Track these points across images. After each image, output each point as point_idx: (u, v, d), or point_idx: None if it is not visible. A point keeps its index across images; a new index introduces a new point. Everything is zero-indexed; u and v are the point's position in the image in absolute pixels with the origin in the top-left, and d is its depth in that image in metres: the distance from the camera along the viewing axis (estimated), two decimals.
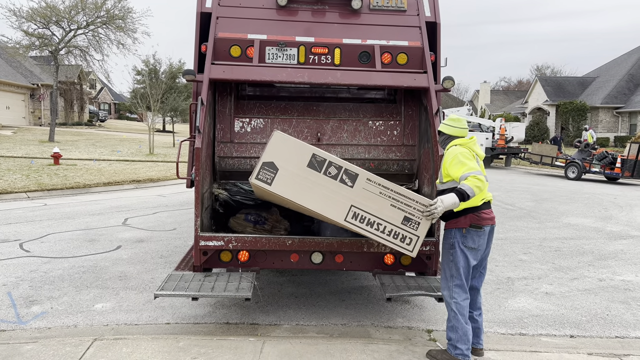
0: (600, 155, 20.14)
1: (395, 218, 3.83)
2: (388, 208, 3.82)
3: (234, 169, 5.52)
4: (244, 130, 5.59)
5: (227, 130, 5.57)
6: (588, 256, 7.60)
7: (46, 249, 7.29)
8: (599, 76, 42.46)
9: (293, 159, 3.82)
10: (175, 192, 13.71)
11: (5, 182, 13.15)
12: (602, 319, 5.09)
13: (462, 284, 3.87)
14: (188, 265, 4.83)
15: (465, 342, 3.83)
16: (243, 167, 5.52)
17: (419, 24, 5.38)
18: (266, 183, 3.74)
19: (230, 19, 5.24)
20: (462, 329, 3.82)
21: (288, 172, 3.78)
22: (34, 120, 38.40)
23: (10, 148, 21.65)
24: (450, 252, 3.92)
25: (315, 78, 4.99)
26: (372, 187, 3.85)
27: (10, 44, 27.86)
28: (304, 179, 3.79)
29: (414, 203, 3.87)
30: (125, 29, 27.88)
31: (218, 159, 5.46)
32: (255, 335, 4.44)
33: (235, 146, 5.57)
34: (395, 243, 3.84)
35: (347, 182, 3.82)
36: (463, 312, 3.85)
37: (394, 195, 3.86)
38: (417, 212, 3.86)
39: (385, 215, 3.82)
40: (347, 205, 3.79)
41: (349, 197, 3.80)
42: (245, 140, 5.59)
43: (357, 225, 3.79)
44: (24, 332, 4.50)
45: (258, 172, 3.76)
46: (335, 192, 3.79)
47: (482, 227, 3.85)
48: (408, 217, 3.85)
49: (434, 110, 4.83)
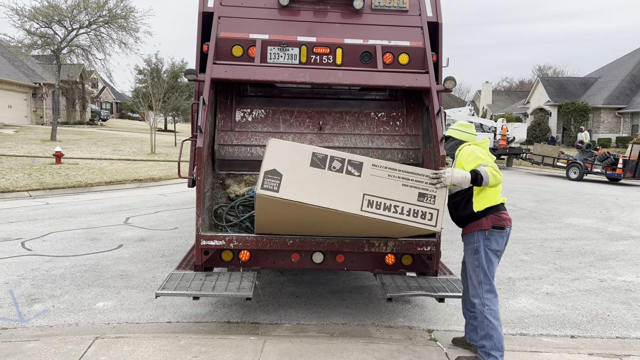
0: (602, 156, 20.13)
1: (410, 197, 3.74)
2: (400, 188, 3.75)
3: (234, 157, 5.32)
4: (245, 119, 5.49)
5: (228, 119, 5.45)
6: (589, 257, 7.59)
7: (48, 247, 7.30)
8: (601, 77, 42.42)
9: (294, 162, 3.75)
10: (176, 191, 13.74)
11: (7, 181, 13.18)
12: (603, 320, 5.09)
13: (491, 289, 3.80)
14: (189, 265, 4.84)
15: (499, 349, 3.73)
16: (243, 155, 5.33)
17: (420, 24, 5.38)
18: (273, 191, 3.62)
19: (232, 19, 5.25)
20: (497, 336, 3.72)
21: (292, 176, 3.69)
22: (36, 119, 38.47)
23: (12, 147, 21.69)
24: (474, 257, 3.83)
25: (317, 78, 5.00)
26: (380, 171, 3.79)
27: (12, 43, 27.92)
28: (309, 178, 3.71)
29: (424, 178, 3.80)
30: (128, 28, 27.93)
31: (217, 147, 5.29)
32: (256, 334, 4.45)
33: (235, 134, 5.42)
34: (417, 221, 3.71)
35: (354, 172, 3.76)
36: (497, 317, 3.76)
37: (403, 175, 3.80)
38: (430, 186, 3.79)
39: (399, 197, 3.73)
40: (359, 195, 3.70)
41: (360, 187, 3.72)
42: (247, 129, 5.44)
43: (375, 212, 3.67)
44: (26, 330, 4.52)
45: (262, 182, 3.63)
46: (345, 185, 3.72)
47: (504, 228, 3.80)
48: (422, 193, 3.76)
49: (435, 111, 4.83)
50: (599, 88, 40.27)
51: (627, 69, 39.75)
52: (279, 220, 4.10)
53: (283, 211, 3.82)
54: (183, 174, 5.33)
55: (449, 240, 7.88)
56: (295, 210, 3.75)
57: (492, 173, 3.67)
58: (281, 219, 4.04)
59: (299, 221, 4.05)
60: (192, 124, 5.69)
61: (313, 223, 4.04)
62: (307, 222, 4.03)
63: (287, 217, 3.98)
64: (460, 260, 6.94)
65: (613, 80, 39.70)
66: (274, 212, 3.90)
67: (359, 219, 3.75)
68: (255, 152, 5.31)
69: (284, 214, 3.89)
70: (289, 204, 3.67)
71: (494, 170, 3.68)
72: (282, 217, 3.98)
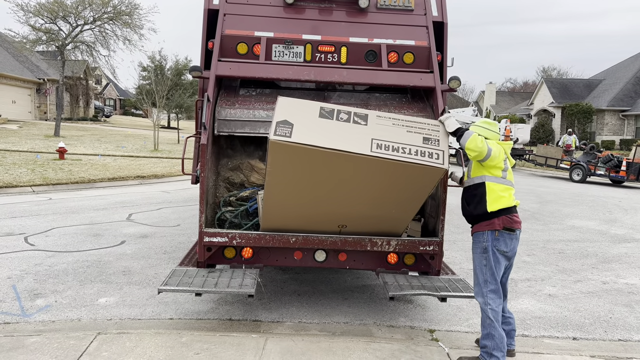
0: (606, 158, 20.06)
1: (415, 140, 3.92)
2: (405, 134, 3.93)
3: (235, 117, 5.04)
4: (249, 93, 5.35)
5: (232, 94, 5.28)
6: (592, 259, 7.57)
7: (51, 243, 7.32)
8: (605, 79, 42.28)
9: (304, 114, 3.89)
10: (179, 188, 13.75)
11: (11, 176, 13.21)
12: (605, 322, 5.08)
13: (496, 289, 3.83)
14: (192, 261, 4.85)
15: (502, 350, 3.75)
16: (245, 116, 5.03)
17: (426, 24, 5.37)
18: (285, 136, 3.71)
19: (238, 16, 5.25)
20: (499, 336, 3.76)
21: (303, 124, 3.81)
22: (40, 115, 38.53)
23: (15, 142, 21.74)
24: (483, 256, 3.87)
25: (322, 76, 5.00)
26: (384, 120, 4.00)
27: (17, 38, 27.95)
28: (319, 126, 3.85)
29: (426, 125, 4.04)
30: (132, 25, 27.96)
31: (219, 109, 5.01)
32: (258, 332, 4.45)
33: (239, 99, 5.23)
34: (425, 160, 3.84)
35: (360, 122, 3.93)
36: (498, 319, 3.79)
37: (407, 123, 4.02)
38: (433, 132, 4.00)
39: (406, 140, 3.89)
40: (368, 140, 3.84)
41: (367, 133, 3.87)
42: (249, 101, 5.21)
43: (384, 153, 3.80)
44: (28, 325, 4.53)
45: (274, 130, 3.73)
46: (353, 132, 3.86)
47: (514, 230, 3.84)
48: (427, 137, 3.96)
49: (439, 110, 4.82)
50: (603, 90, 40.14)
51: (632, 71, 39.61)
52: (288, 185, 4.09)
53: (294, 163, 3.88)
54: (187, 171, 5.33)
55: (451, 241, 7.87)
56: (306, 160, 3.82)
57: (474, 138, 3.75)
58: (292, 178, 4.04)
59: (309, 182, 4.05)
60: (196, 120, 5.70)
61: (324, 185, 4.05)
62: (318, 183, 4.05)
63: (298, 175, 4.00)
64: (462, 260, 6.96)
65: (617, 82, 39.57)
66: (286, 166, 3.93)
67: (370, 163, 3.82)
68: (256, 114, 5.04)
69: (295, 168, 3.93)
70: (301, 150, 3.74)
71: (479, 139, 3.75)
72: (293, 174, 4.00)
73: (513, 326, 4.05)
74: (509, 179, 3.92)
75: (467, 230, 4.09)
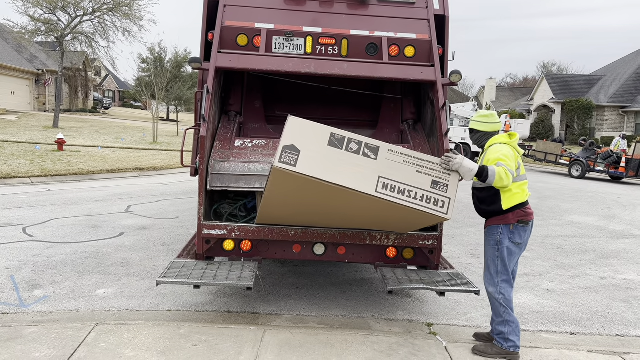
0: (605, 155, 20.06)
1: (423, 183, 3.78)
2: (414, 174, 3.79)
3: (229, 172, 4.89)
4: (245, 145, 5.10)
5: (226, 145, 5.08)
6: (590, 254, 7.58)
7: (49, 234, 7.31)
8: (605, 75, 42.21)
9: (313, 140, 3.70)
10: (178, 180, 13.74)
11: (9, 167, 13.19)
12: (603, 317, 5.09)
13: (508, 279, 3.95)
14: (190, 254, 4.84)
15: (517, 334, 3.92)
16: (240, 170, 4.91)
17: (427, 17, 5.34)
18: (290, 165, 3.55)
19: (238, 8, 5.21)
20: (515, 321, 3.91)
21: (311, 152, 3.63)
22: (39, 106, 38.41)
23: (14, 133, 21.69)
24: (496, 248, 3.95)
25: (322, 69, 4.97)
26: (395, 157, 3.81)
27: (16, 29, 27.79)
28: (327, 157, 3.67)
29: (437, 167, 3.86)
30: (132, 16, 27.79)
31: (212, 162, 4.94)
32: (256, 324, 4.46)
33: (234, 152, 5.06)
34: (430, 207, 3.74)
35: (370, 155, 3.76)
36: (511, 306, 3.94)
37: (418, 162, 3.85)
38: (444, 175, 3.83)
39: (413, 182, 3.76)
40: (375, 177, 3.70)
41: (375, 169, 3.73)
42: (244, 153, 4.99)
43: (389, 194, 3.68)
44: (26, 315, 4.53)
45: (280, 156, 3.57)
46: (361, 166, 3.71)
47: (528, 223, 3.95)
48: (436, 181, 3.82)
49: (440, 104, 4.80)
50: (604, 86, 40.08)
51: (633, 67, 39.53)
52: (287, 204, 4.02)
53: (296, 189, 3.76)
54: (186, 163, 5.31)
55: (450, 235, 7.87)
56: (308, 188, 3.69)
57: (499, 175, 3.69)
58: (291, 200, 3.96)
59: (309, 204, 3.99)
60: (195, 112, 5.67)
61: (323, 208, 4.00)
62: (317, 206, 3.98)
63: (298, 199, 3.91)
64: (460, 255, 6.97)
65: (618, 78, 39.50)
66: (287, 190, 3.82)
67: (372, 202, 3.72)
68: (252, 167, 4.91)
69: (296, 193, 3.83)
70: (304, 180, 3.60)
71: (503, 172, 3.70)
72: (293, 197, 3.90)
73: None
74: (522, 174, 3.97)
75: (466, 225, 4.10)
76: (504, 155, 3.82)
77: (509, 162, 3.80)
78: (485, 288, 4.05)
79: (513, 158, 3.87)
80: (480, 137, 4.13)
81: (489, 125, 4.08)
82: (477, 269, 6.30)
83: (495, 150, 3.89)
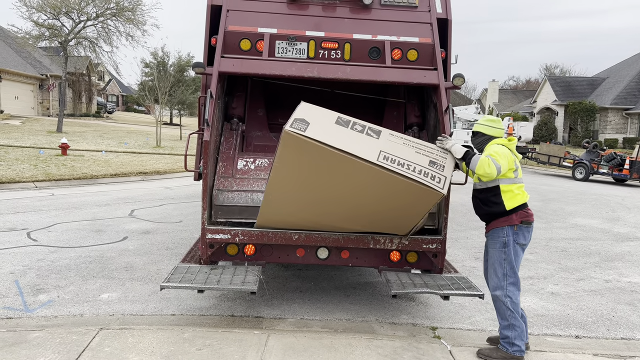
0: (609, 157, 20.01)
1: (422, 161, 3.99)
2: (413, 154, 4.02)
3: (233, 203, 4.91)
4: (247, 167, 5.11)
5: (229, 168, 5.11)
6: (594, 257, 7.56)
7: (53, 238, 7.33)
8: (608, 77, 42.15)
9: (321, 119, 4.02)
10: (181, 184, 13.76)
11: (14, 172, 13.24)
12: (608, 320, 5.07)
13: (516, 282, 3.94)
14: (194, 258, 4.85)
15: (523, 339, 3.90)
16: (243, 201, 4.90)
17: (430, 21, 5.35)
18: (300, 130, 3.79)
19: (241, 12, 5.23)
20: (520, 326, 3.89)
21: (319, 125, 3.92)
22: (43, 111, 38.58)
23: (18, 138, 21.78)
24: (503, 250, 3.96)
25: (325, 73, 4.98)
26: (396, 138, 4.10)
27: (20, 34, 28.00)
28: (334, 130, 3.95)
29: (435, 150, 4.16)
30: (135, 21, 27.97)
31: (216, 192, 4.92)
32: (260, 328, 4.46)
33: (237, 178, 5.08)
34: (427, 181, 3.88)
35: (373, 135, 4.05)
36: (518, 310, 3.92)
37: (417, 145, 4.13)
38: (441, 158, 4.08)
39: (412, 159, 3.97)
40: (377, 150, 3.92)
41: (377, 145, 3.97)
42: (247, 179, 5.01)
43: (389, 165, 3.85)
44: (31, 320, 4.54)
45: (291, 124, 3.82)
46: (364, 142, 3.96)
47: (531, 223, 4.00)
48: (433, 161, 4.03)
49: (443, 108, 4.81)
50: (607, 88, 40.01)
51: (636, 69, 39.45)
52: (291, 187, 4.11)
53: (302, 158, 3.91)
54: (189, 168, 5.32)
55: (454, 238, 7.85)
56: (315, 155, 3.85)
57: (482, 162, 3.77)
58: (296, 181, 4.07)
59: (312, 188, 4.08)
60: (199, 117, 5.68)
61: (326, 191, 4.09)
62: (320, 189, 4.08)
63: (303, 169, 4.01)
64: (464, 258, 6.95)
65: (621, 80, 39.43)
66: (294, 159, 3.94)
67: (374, 175, 3.87)
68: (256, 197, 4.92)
69: (302, 162, 3.95)
70: (311, 146, 3.79)
71: (487, 162, 3.76)
72: (299, 168, 4.01)
73: (525, 319, 4.09)
74: (520, 177, 4.03)
75: (470, 228, 4.11)
76: (496, 152, 3.89)
77: (500, 158, 3.84)
78: (491, 292, 4.03)
79: (506, 157, 3.89)
80: (482, 141, 4.17)
81: (494, 130, 4.13)
82: (481, 272, 6.26)
83: (490, 148, 4.00)
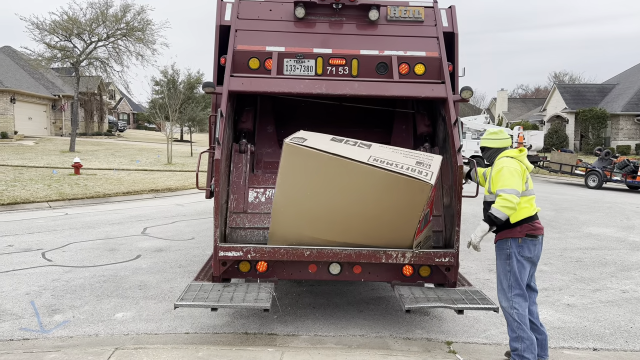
0: (622, 164, 19.80)
1: (409, 162, 4.34)
2: (402, 157, 4.41)
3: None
4: (259, 199, 5.26)
5: (240, 202, 5.25)
6: (610, 267, 7.46)
7: (68, 258, 7.40)
8: (619, 83, 41.83)
9: (318, 136, 4.51)
10: (192, 201, 13.83)
11: (28, 192, 13.41)
12: (626, 332, 4.99)
13: (521, 293, 3.91)
14: (207, 276, 4.87)
15: (532, 351, 3.83)
16: None
17: (436, 35, 5.39)
18: (299, 140, 4.27)
19: (249, 32, 5.31)
20: (529, 338, 3.84)
21: (316, 140, 4.39)
22: (55, 131, 39.13)
23: (32, 158, 22.09)
24: (506, 262, 3.96)
25: (333, 89, 5.03)
26: (385, 148, 4.59)
27: (33, 56, 28.52)
28: (329, 143, 4.41)
29: (422, 155, 4.56)
30: (145, 40, 28.42)
31: (230, 218, 5.13)
32: (274, 345, 4.45)
33: (248, 214, 5.23)
34: (414, 175, 4.16)
35: (364, 146, 4.51)
36: (525, 322, 3.87)
37: (404, 152, 4.57)
38: (427, 159, 4.43)
39: (400, 160, 4.34)
40: (368, 155, 4.33)
41: (368, 152, 4.40)
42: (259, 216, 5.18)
43: (378, 164, 4.20)
44: (47, 340, 4.57)
45: (291, 138, 4.31)
46: (356, 150, 4.40)
47: (537, 237, 3.95)
48: (420, 162, 4.38)
49: (452, 121, 4.82)
50: (618, 94, 39.69)
51: None
52: (296, 186, 4.42)
53: (302, 167, 4.31)
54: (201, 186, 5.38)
55: (466, 251, 7.80)
56: (313, 163, 4.25)
57: (502, 206, 3.81)
58: (299, 181, 4.40)
59: (315, 195, 4.39)
60: (209, 136, 5.75)
61: (328, 198, 4.38)
62: (322, 195, 4.38)
63: (304, 177, 4.37)
64: (477, 270, 6.90)
65: (632, 86, 39.10)
66: (295, 168, 4.34)
67: (365, 172, 4.21)
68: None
69: (302, 171, 4.34)
70: (310, 154, 4.20)
71: (503, 201, 3.80)
72: (300, 176, 4.37)
73: (545, 335, 4.06)
74: (530, 189, 4.00)
75: (483, 239, 4.07)
76: (504, 174, 3.86)
77: (511, 178, 3.83)
78: (499, 303, 4.02)
79: (518, 172, 3.89)
80: (492, 154, 4.21)
81: (498, 141, 4.17)
82: (494, 284, 6.21)
83: (499, 163, 3.97)
